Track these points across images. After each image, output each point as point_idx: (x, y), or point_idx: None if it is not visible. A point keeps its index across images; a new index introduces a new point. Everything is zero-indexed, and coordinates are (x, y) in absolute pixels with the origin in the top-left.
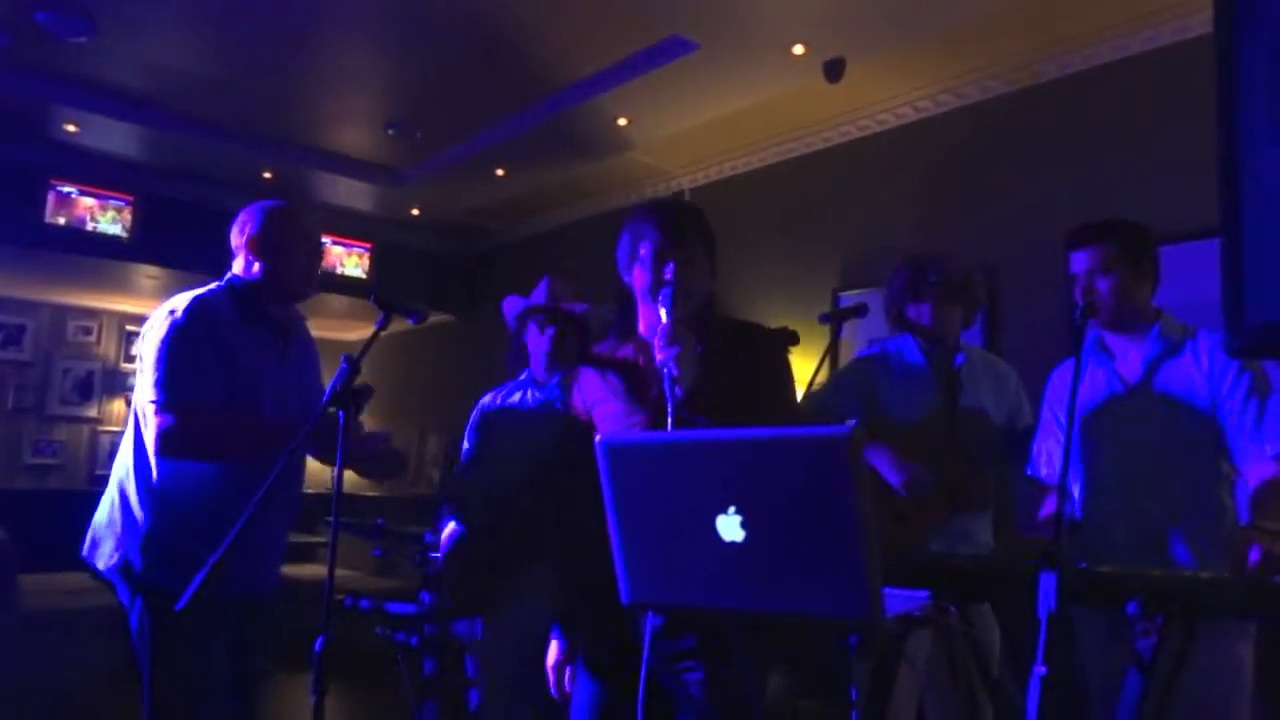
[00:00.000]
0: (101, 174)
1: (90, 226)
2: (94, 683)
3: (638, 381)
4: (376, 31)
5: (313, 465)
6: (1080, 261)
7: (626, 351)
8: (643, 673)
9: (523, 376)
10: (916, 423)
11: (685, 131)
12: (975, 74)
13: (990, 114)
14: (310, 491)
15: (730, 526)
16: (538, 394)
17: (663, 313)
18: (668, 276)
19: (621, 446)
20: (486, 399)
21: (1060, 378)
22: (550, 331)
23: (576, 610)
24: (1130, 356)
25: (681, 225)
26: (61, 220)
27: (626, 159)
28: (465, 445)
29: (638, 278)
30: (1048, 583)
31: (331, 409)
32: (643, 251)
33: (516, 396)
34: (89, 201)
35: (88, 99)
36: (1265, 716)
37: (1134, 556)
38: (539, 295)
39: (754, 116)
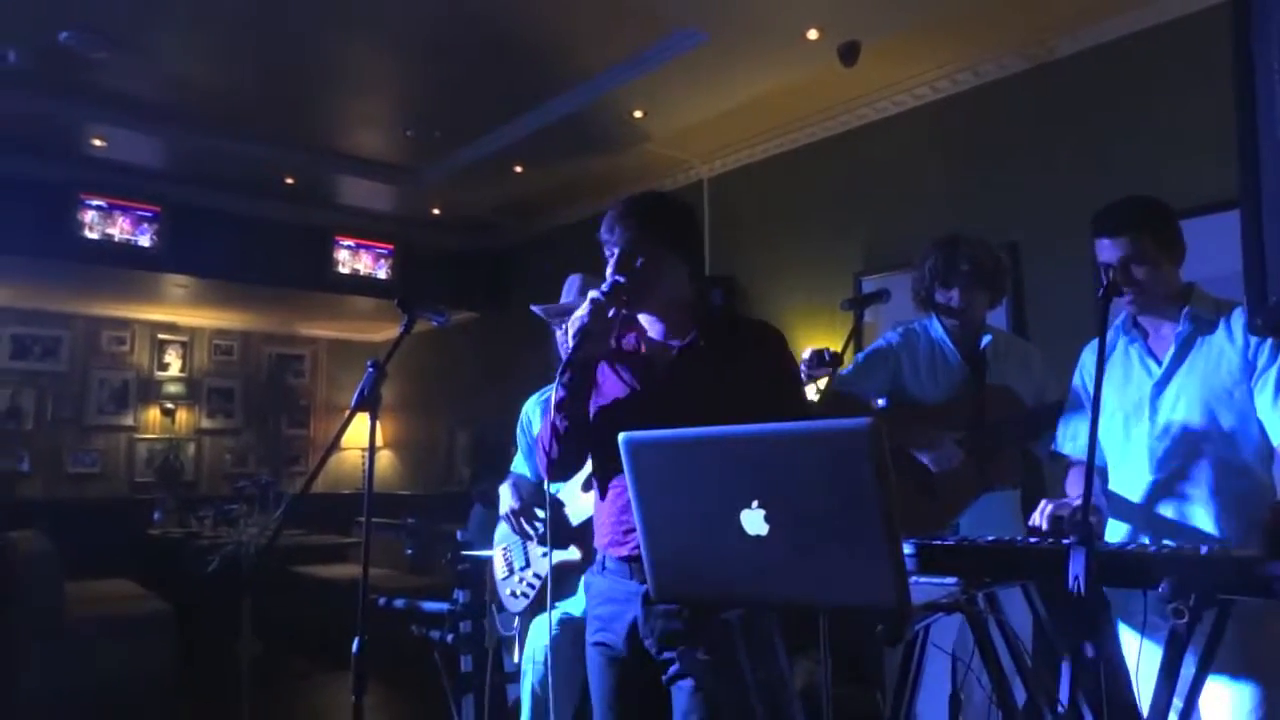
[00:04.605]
0: (129, 186)
1: (120, 238)
2: (137, 689)
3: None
4: (391, 35)
5: (346, 466)
6: (1110, 250)
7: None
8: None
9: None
10: (944, 402)
11: (702, 122)
12: (991, 51)
13: (1008, 91)
14: (343, 491)
15: (754, 520)
16: None
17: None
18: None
19: (644, 443)
20: (531, 400)
21: (1092, 355)
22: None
23: None
24: (1163, 334)
25: (624, 223)
26: (93, 233)
27: (644, 151)
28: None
29: None
30: (1078, 563)
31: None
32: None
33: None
34: (119, 214)
35: (113, 113)
36: None
37: (1168, 535)
38: (567, 294)
39: (770, 103)
